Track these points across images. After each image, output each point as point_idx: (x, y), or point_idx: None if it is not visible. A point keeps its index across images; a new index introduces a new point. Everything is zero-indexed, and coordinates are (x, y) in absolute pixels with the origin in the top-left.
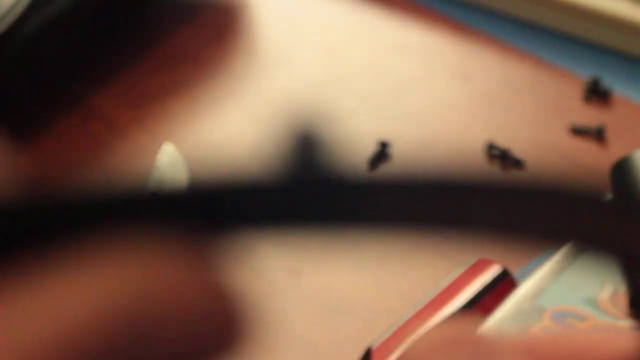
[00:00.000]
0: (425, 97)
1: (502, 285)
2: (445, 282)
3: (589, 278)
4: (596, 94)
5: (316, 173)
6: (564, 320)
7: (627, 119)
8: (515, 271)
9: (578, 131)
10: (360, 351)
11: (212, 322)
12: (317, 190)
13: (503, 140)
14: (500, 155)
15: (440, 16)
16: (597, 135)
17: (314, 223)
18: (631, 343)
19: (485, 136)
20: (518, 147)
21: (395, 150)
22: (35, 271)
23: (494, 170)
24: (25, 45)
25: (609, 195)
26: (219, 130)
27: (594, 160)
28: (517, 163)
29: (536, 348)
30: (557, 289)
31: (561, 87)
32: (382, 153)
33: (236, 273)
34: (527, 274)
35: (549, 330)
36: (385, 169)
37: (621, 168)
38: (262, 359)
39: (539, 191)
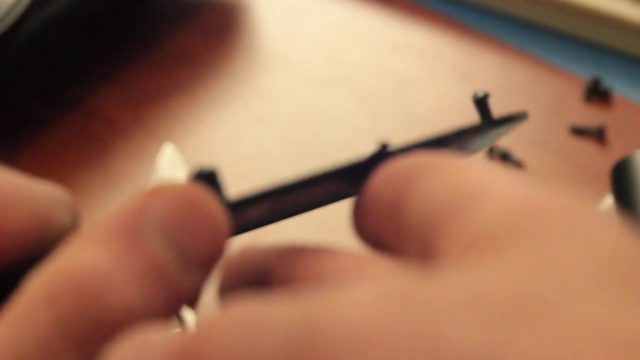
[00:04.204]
0: (425, 97)
1: None
2: None
3: None
4: (596, 94)
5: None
6: None
7: (627, 119)
8: None
9: (578, 131)
10: None
11: None
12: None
13: (503, 141)
14: (500, 156)
15: (440, 16)
16: (597, 135)
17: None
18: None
19: None
20: (518, 147)
21: None
22: None
23: None
24: (25, 45)
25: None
26: (219, 130)
27: (594, 160)
28: (518, 164)
29: None
30: None
31: (561, 87)
32: None
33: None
34: None
35: None
36: None
37: (621, 168)
38: None
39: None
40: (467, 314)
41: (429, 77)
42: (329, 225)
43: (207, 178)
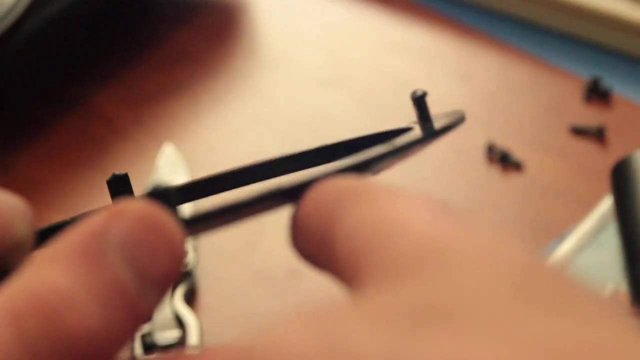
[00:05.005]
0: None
1: None
2: None
3: (589, 277)
4: (596, 94)
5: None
6: None
7: (627, 119)
8: None
9: (578, 131)
10: None
11: None
12: None
13: (503, 141)
14: (500, 156)
15: (440, 16)
16: (597, 135)
17: None
18: None
19: (485, 136)
20: (518, 147)
21: None
22: None
23: None
24: (25, 45)
25: None
26: (219, 130)
27: (594, 160)
28: (517, 165)
29: None
30: None
31: (561, 87)
32: None
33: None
34: None
35: None
36: None
37: (621, 168)
38: None
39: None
40: (374, 326)
41: (429, 77)
42: None
43: (163, 196)
